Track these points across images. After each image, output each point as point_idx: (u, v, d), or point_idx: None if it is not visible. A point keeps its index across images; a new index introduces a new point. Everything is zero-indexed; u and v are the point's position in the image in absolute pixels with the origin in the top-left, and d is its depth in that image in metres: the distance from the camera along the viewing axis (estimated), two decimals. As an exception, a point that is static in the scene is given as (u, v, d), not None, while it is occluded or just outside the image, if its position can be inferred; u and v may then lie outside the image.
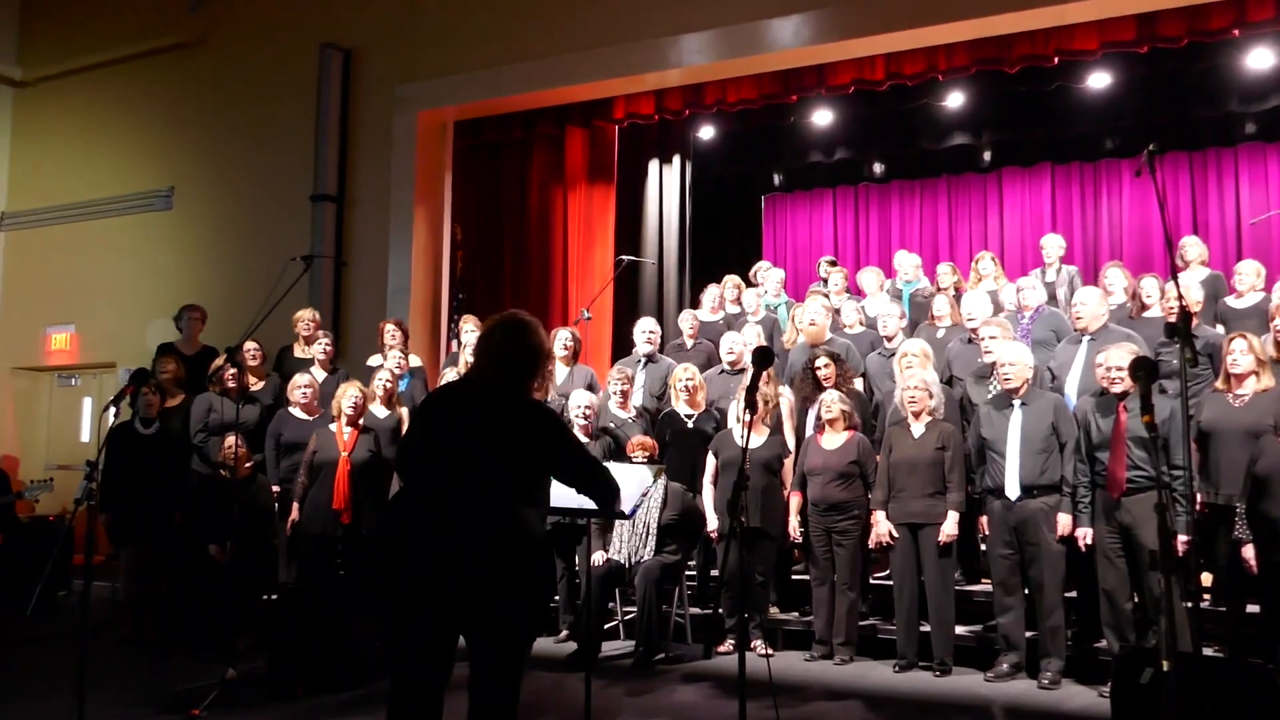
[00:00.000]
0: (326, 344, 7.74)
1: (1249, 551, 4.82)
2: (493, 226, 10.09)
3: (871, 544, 5.91)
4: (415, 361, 7.87)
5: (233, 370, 6.72)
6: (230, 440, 6.44)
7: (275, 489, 6.87)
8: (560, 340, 7.52)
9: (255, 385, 7.55)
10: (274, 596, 6.52)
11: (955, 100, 9.35)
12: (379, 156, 9.42)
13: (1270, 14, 7.08)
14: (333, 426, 6.56)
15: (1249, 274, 6.88)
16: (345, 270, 9.45)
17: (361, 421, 6.64)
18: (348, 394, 6.55)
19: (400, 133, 9.34)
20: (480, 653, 3.03)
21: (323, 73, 9.52)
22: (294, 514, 6.52)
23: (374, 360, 7.75)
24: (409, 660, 3.04)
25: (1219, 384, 5.33)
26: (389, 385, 7.03)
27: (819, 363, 6.49)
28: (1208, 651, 5.20)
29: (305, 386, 6.99)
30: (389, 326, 7.81)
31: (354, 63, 9.65)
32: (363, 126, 9.58)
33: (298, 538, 6.56)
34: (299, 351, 7.97)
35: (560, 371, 7.39)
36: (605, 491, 3.28)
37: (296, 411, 6.96)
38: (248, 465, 6.79)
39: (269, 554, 6.82)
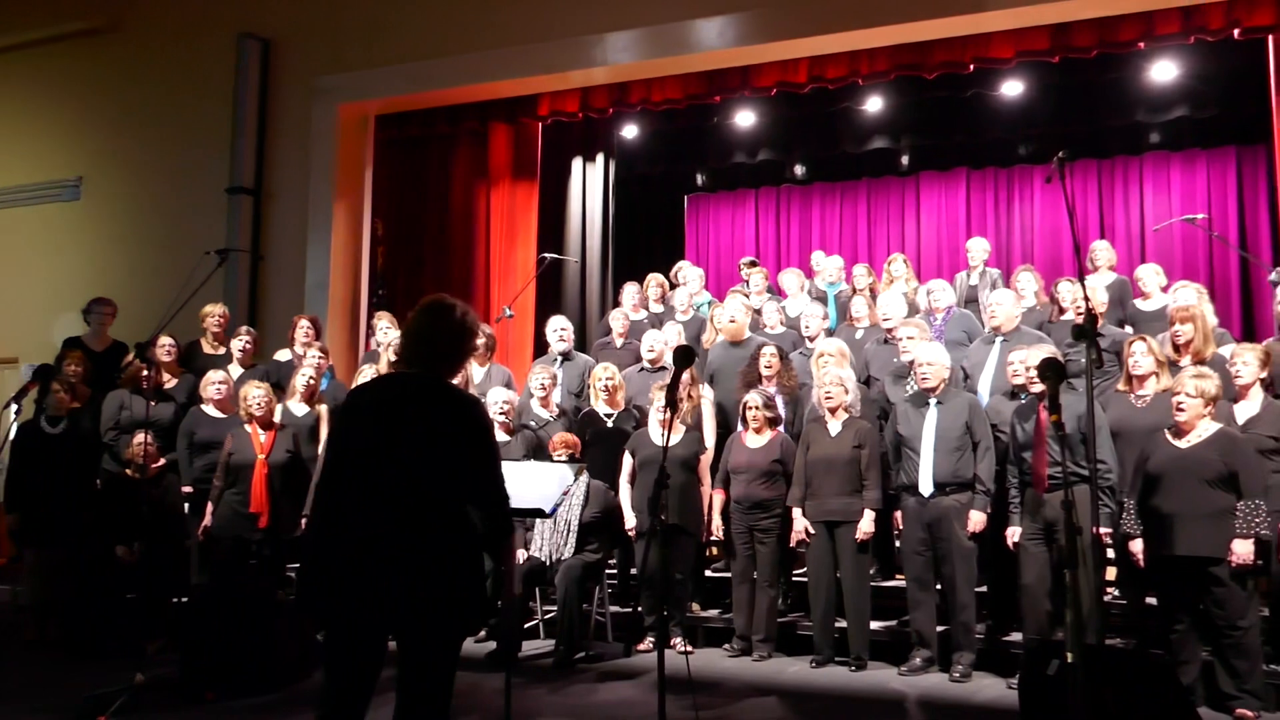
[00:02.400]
0: (247, 340, 7.57)
1: (1137, 545, 4.98)
2: (414, 222, 9.99)
3: (792, 542, 5.97)
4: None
5: (145, 367, 6.54)
6: (139, 438, 6.26)
7: (188, 489, 6.70)
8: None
9: (169, 382, 7.35)
10: (185, 599, 6.36)
11: (875, 104, 9.52)
12: (298, 149, 9.25)
13: (1176, 28, 7.35)
14: (246, 428, 6.42)
15: (1152, 278, 7.13)
16: (262, 265, 9.26)
17: (278, 420, 6.51)
18: (252, 394, 6.42)
19: (320, 125, 9.19)
20: (412, 653, 2.99)
21: (240, 63, 9.32)
22: (207, 519, 6.37)
23: (282, 355, 7.61)
24: (342, 663, 3.00)
25: (1121, 385, 5.50)
26: (311, 382, 6.90)
27: (765, 352, 6.54)
28: (1115, 643, 5.38)
29: (219, 383, 6.83)
30: (302, 322, 7.67)
31: (273, 53, 9.46)
32: (281, 118, 9.40)
33: (212, 540, 6.40)
34: (208, 348, 7.77)
35: (477, 371, 7.34)
36: (498, 520, 3.15)
37: (210, 409, 6.80)
38: (157, 464, 6.61)
39: (179, 555, 6.65)
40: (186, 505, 6.68)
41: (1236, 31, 7.32)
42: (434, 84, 8.96)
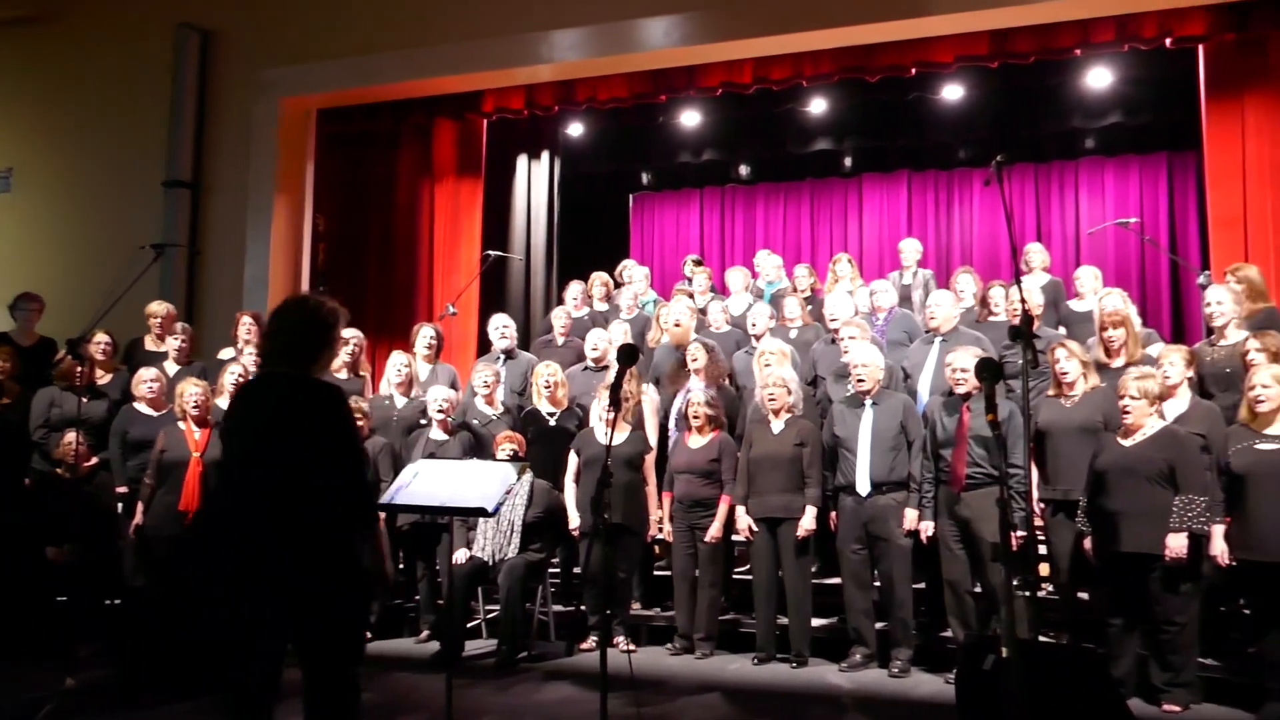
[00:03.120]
0: (183, 337, 7.43)
1: (1089, 543, 5.09)
2: (357, 218, 9.87)
3: (711, 537, 5.97)
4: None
5: (78, 364, 6.39)
6: (70, 437, 6.12)
7: (122, 489, 6.56)
8: (424, 338, 7.43)
9: (103, 379, 7.19)
10: (118, 601, 6.23)
11: (819, 106, 9.61)
12: (238, 143, 9.09)
13: (1110, 36, 7.52)
14: (181, 425, 6.31)
15: (1088, 280, 7.29)
16: (199, 260, 9.09)
17: (211, 418, 6.40)
18: (188, 391, 6.31)
19: (261, 119, 9.04)
20: (306, 660, 2.97)
21: (179, 54, 9.14)
22: (138, 517, 6.24)
23: (226, 353, 7.48)
24: (239, 667, 2.98)
25: (1050, 391, 5.60)
26: (242, 380, 6.79)
27: (691, 349, 6.57)
28: (1047, 638, 5.49)
29: (151, 381, 6.69)
30: (245, 319, 7.55)
31: (213, 45, 9.29)
32: (221, 111, 9.23)
33: (145, 540, 6.28)
34: (151, 345, 7.62)
35: (423, 369, 7.29)
36: (357, 507, 3.17)
37: (142, 407, 6.67)
38: (89, 463, 6.47)
39: (112, 556, 6.51)
40: (120, 505, 6.54)
41: (1168, 41, 7.51)
42: (378, 79, 8.87)
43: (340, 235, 9.82)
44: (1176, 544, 4.76)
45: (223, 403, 6.69)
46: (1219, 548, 4.77)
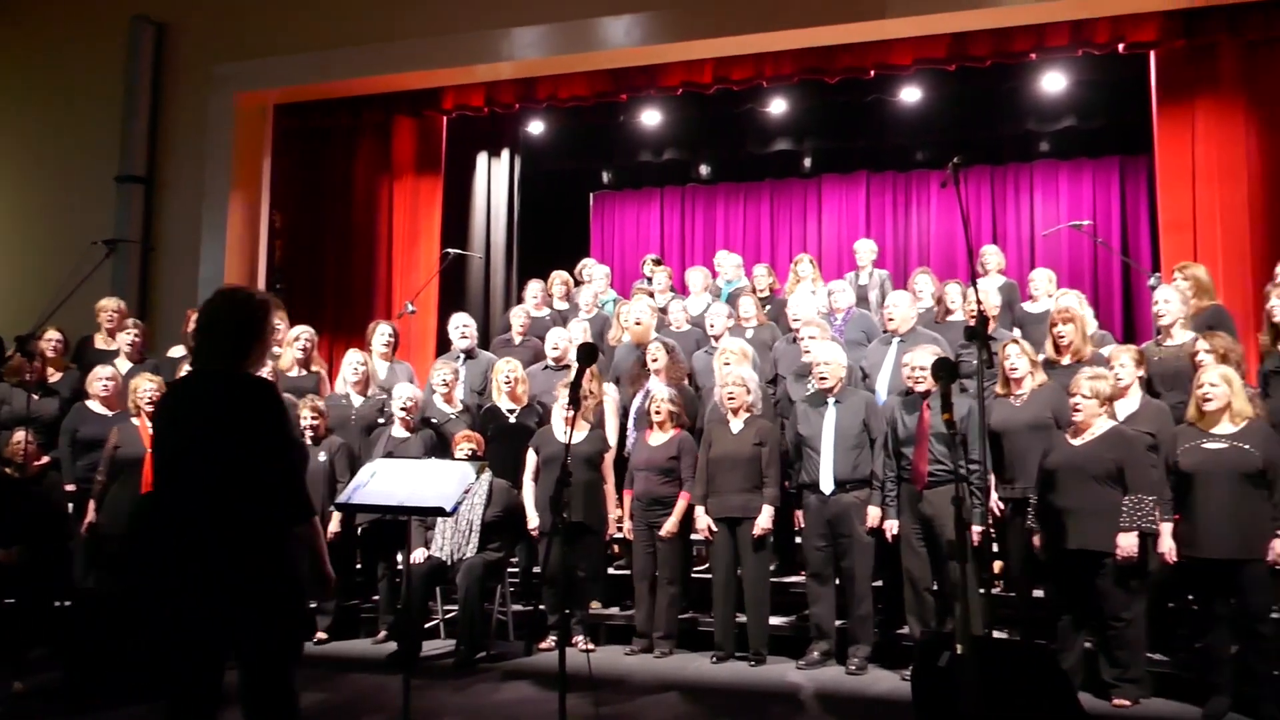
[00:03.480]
0: (135, 334, 7.32)
1: (1038, 541, 5.16)
2: (315, 215, 9.78)
3: (666, 532, 6.00)
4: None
5: (29, 361, 6.27)
6: (19, 435, 6.01)
7: (70, 488, 6.45)
8: (381, 335, 7.38)
9: (54, 377, 7.06)
10: (69, 603, 6.11)
11: (779, 107, 9.66)
12: (193, 137, 8.98)
13: (1065, 41, 7.64)
14: (135, 421, 6.21)
15: (1042, 281, 7.39)
16: (153, 256, 8.96)
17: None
18: (143, 387, 6.22)
19: (216, 114, 8.94)
20: (247, 657, 2.95)
21: (133, 47, 9.01)
22: (90, 515, 6.14)
23: (176, 351, 7.38)
24: (179, 671, 2.94)
25: (999, 389, 5.68)
26: (190, 379, 6.69)
27: (651, 349, 6.57)
28: (1002, 634, 5.56)
29: (106, 379, 6.59)
30: (195, 316, 7.43)
31: (168, 37, 9.17)
32: (176, 105, 9.11)
33: (97, 540, 6.18)
34: (101, 342, 7.50)
35: (380, 366, 7.24)
36: (294, 504, 3.09)
37: (95, 405, 6.56)
38: (39, 462, 6.35)
39: (63, 557, 6.38)
40: (70, 505, 6.43)
41: (1121, 46, 7.64)
42: (336, 74, 8.79)
43: (298, 232, 9.73)
44: (1127, 543, 4.84)
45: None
46: (1167, 545, 4.86)
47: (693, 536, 6.12)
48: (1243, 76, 7.60)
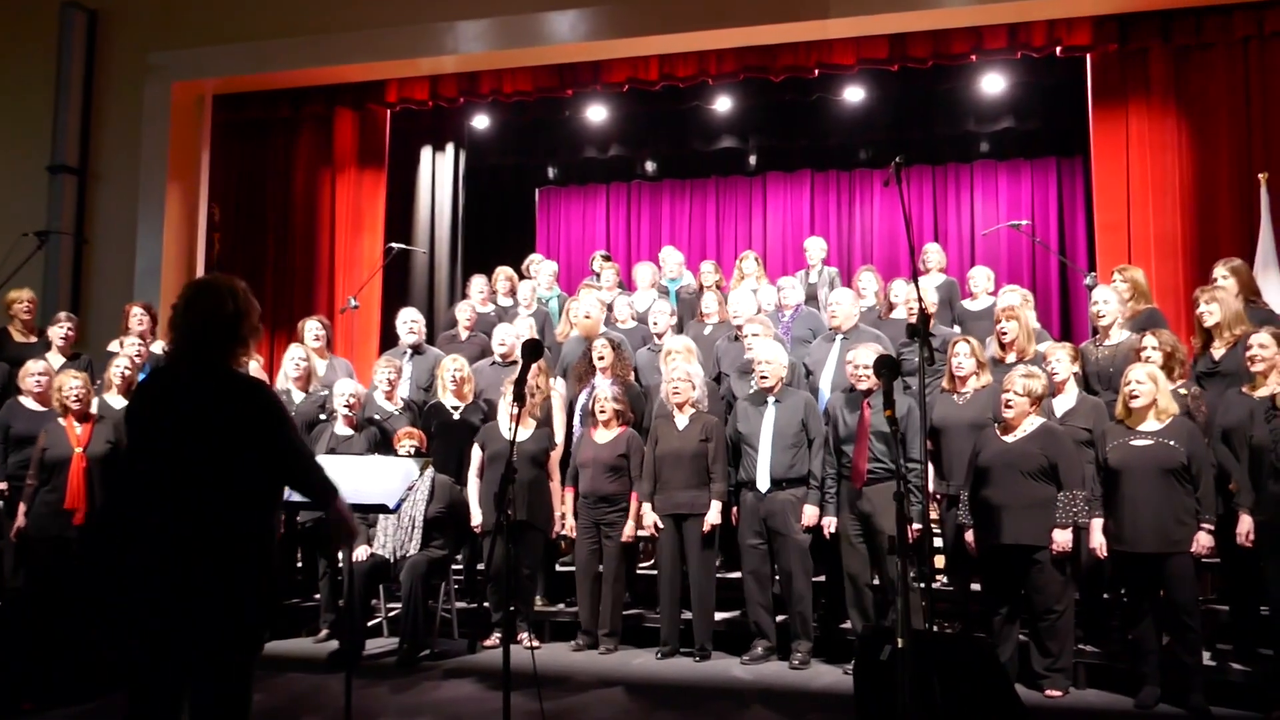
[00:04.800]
0: (68, 327, 7.13)
1: (970, 535, 5.26)
2: (254, 208, 9.63)
3: (626, 536, 6.01)
4: (159, 348, 7.36)
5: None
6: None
7: (2, 486, 6.28)
8: (310, 331, 7.29)
9: (-20, 371, 6.87)
10: (-1, 602, 5.97)
11: (724, 105, 9.71)
12: (128, 127, 8.80)
13: (1003, 44, 7.78)
14: (62, 420, 6.07)
15: (981, 280, 7.52)
16: (87, 248, 8.77)
17: (95, 411, 6.17)
18: (68, 385, 6.07)
19: (152, 104, 8.77)
20: (200, 664, 2.87)
21: (64, 33, 8.79)
22: (20, 520, 5.98)
23: (114, 346, 7.22)
24: (140, 674, 2.86)
25: (945, 384, 5.78)
26: (127, 373, 6.56)
27: (597, 345, 6.57)
28: (941, 628, 5.65)
29: (39, 374, 6.41)
30: (135, 310, 7.29)
31: (101, 25, 8.97)
32: (110, 94, 8.92)
33: (26, 540, 6.02)
34: (18, 336, 7.25)
35: (319, 363, 7.15)
36: (322, 490, 3.08)
37: (28, 401, 6.39)
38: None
39: (-8, 556, 6.24)
40: (1, 503, 6.27)
41: (1058, 49, 7.81)
42: (276, 65, 8.67)
43: (237, 225, 9.58)
44: (1062, 538, 4.95)
45: (110, 397, 6.47)
46: (1097, 540, 4.97)
47: (639, 532, 6.13)
48: (1174, 82, 7.80)
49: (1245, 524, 4.77)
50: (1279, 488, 4.63)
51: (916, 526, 5.16)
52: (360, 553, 6.11)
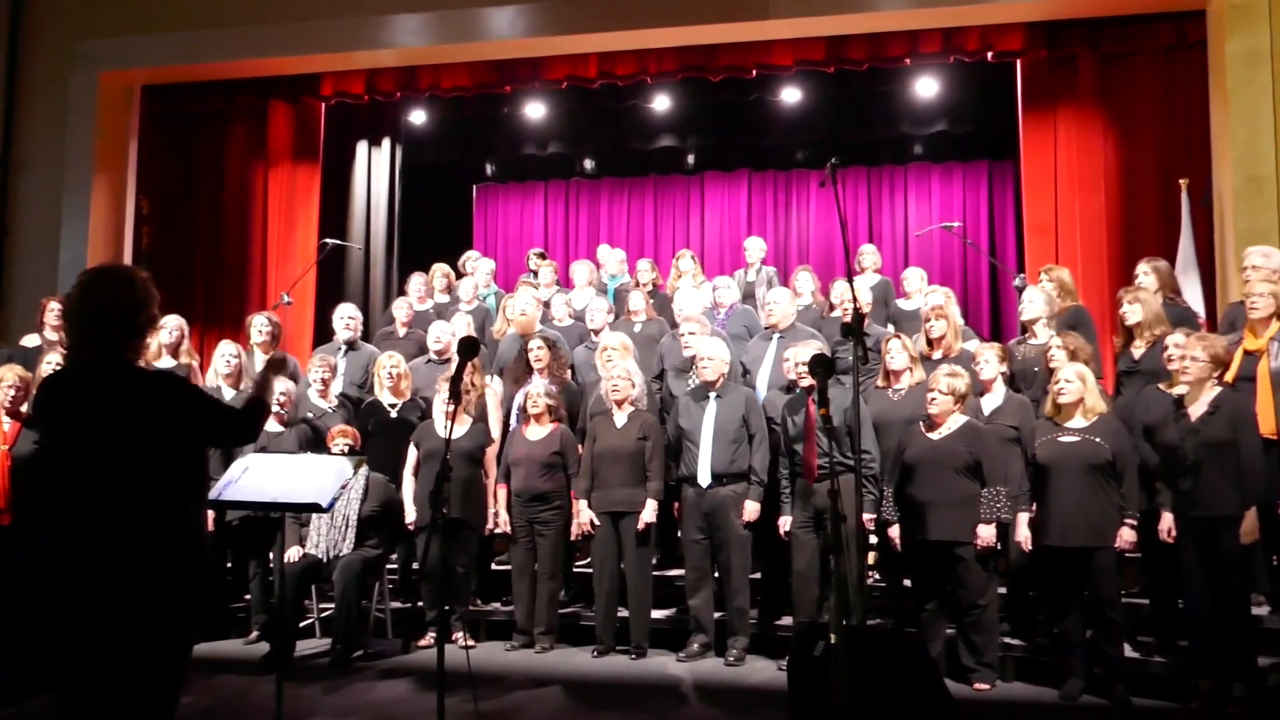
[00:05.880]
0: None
1: (895, 531, 5.34)
2: (185, 201, 9.44)
3: (574, 534, 6.02)
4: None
5: None
6: None
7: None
8: (257, 326, 7.17)
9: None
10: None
11: (663, 103, 9.72)
12: (53, 118, 8.55)
13: (937, 48, 7.90)
14: (-12, 417, 5.90)
15: (914, 280, 7.64)
16: (9, 241, 8.51)
17: (24, 409, 6.00)
18: (5, 380, 5.90)
19: (79, 93, 8.53)
20: (135, 655, 2.81)
21: (-13, 20, 8.53)
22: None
23: (29, 340, 7.01)
24: (69, 675, 2.79)
25: (880, 381, 5.86)
26: (60, 368, 6.38)
27: (532, 345, 6.54)
28: (874, 623, 5.73)
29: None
30: (52, 304, 7.09)
31: (25, 11, 8.70)
32: (34, 83, 8.66)
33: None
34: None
35: (261, 361, 7.02)
36: (247, 425, 3.03)
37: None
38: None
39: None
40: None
41: (990, 54, 7.95)
42: (208, 56, 8.49)
43: (166, 218, 9.37)
44: (987, 534, 5.06)
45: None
46: (1023, 535, 5.08)
47: (574, 530, 6.12)
48: (1100, 88, 8.00)
49: (1166, 521, 4.90)
50: (1188, 484, 4.77)
51: (869, 517, 5.25)
52: (292, 553, 6.03)
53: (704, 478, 5.73)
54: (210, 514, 6.12)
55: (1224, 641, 4.69)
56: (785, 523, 5.63)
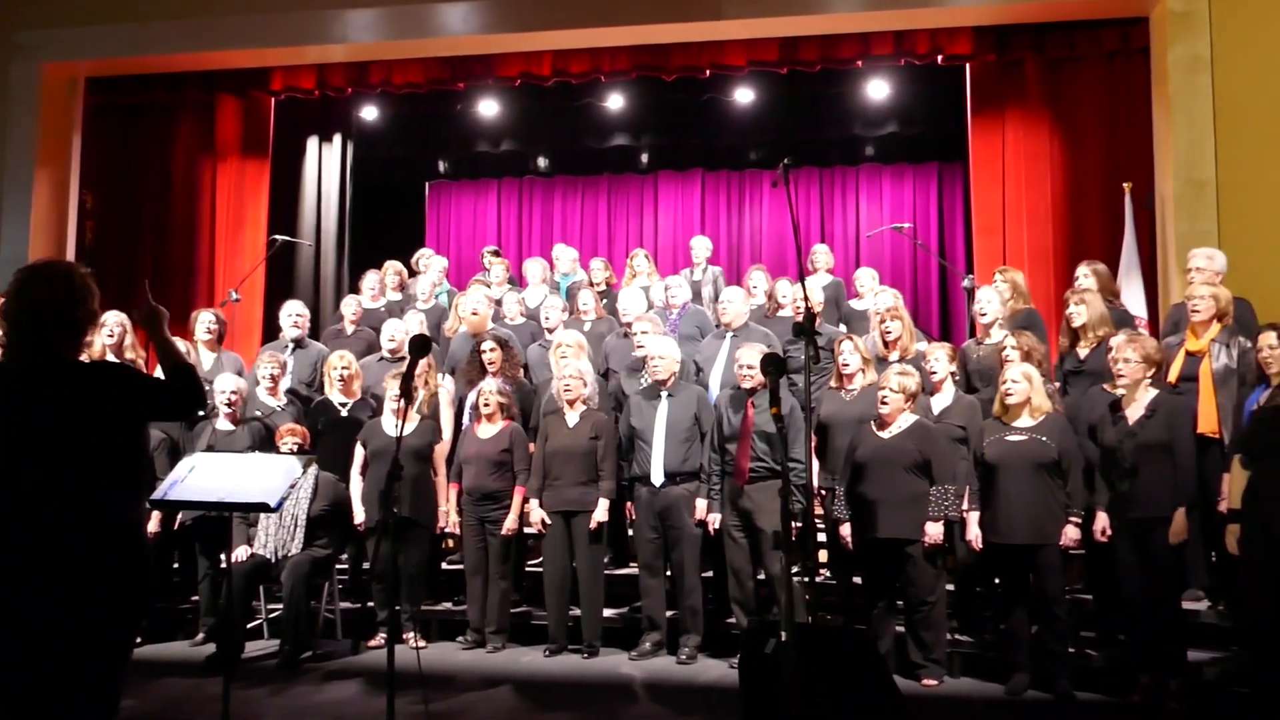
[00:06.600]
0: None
1: (846, 529, 5.40)
2: (130, 196, 9.27)
3: (506, 530, 5.98)
4: None
5: None
6: None
7: None
8: (203, 324, 7.07)
9: None
10: None
11: (617, 102, 9.72)
12: (-7, 110, 8.36)
13: (889, 50, 7.99)
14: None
15: (866, 280, 7.71)
16: (-54, 236, 8.31)
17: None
18: None
19: (19, 85, 8.34)
20: (76, 651, 2.75)
21: (-80, 8, 8.30)
22: None
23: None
24: (4, 680, 2.73)
25: (832, 382, 5.91)
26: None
27: (485, 346, 6.51)
28: (823, 621, 5.78)
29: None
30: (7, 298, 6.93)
31: (-39, 0, 8.50)
32: (-28, 74, 8.46)
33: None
34: None
35: (206, 358, 6.93)
36: (184, 386, 2.94)
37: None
38: None
39: None
40: None
41: (940, 58, 8.06)
42: (154, 48, 8.34)
43: (111, 213, 9.19)
44: (934, 531, 5.12)
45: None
46: (973, 533, 5.16)
47: (526, 529, 6.11)
48: (1047, 92, 8.14)
49: (1101, 520, 5.00)
50: (1126, 485, 4.86)
51: (798, 524, 5.28)
52: (240, 553, 5.95)
53: (657, 477, 5.74)
54: (156, 514, 6.05)
55: (1158, 638, 4.80)
56: (714, 520, 5.66)
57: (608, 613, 6.07)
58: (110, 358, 6.60)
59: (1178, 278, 6.51)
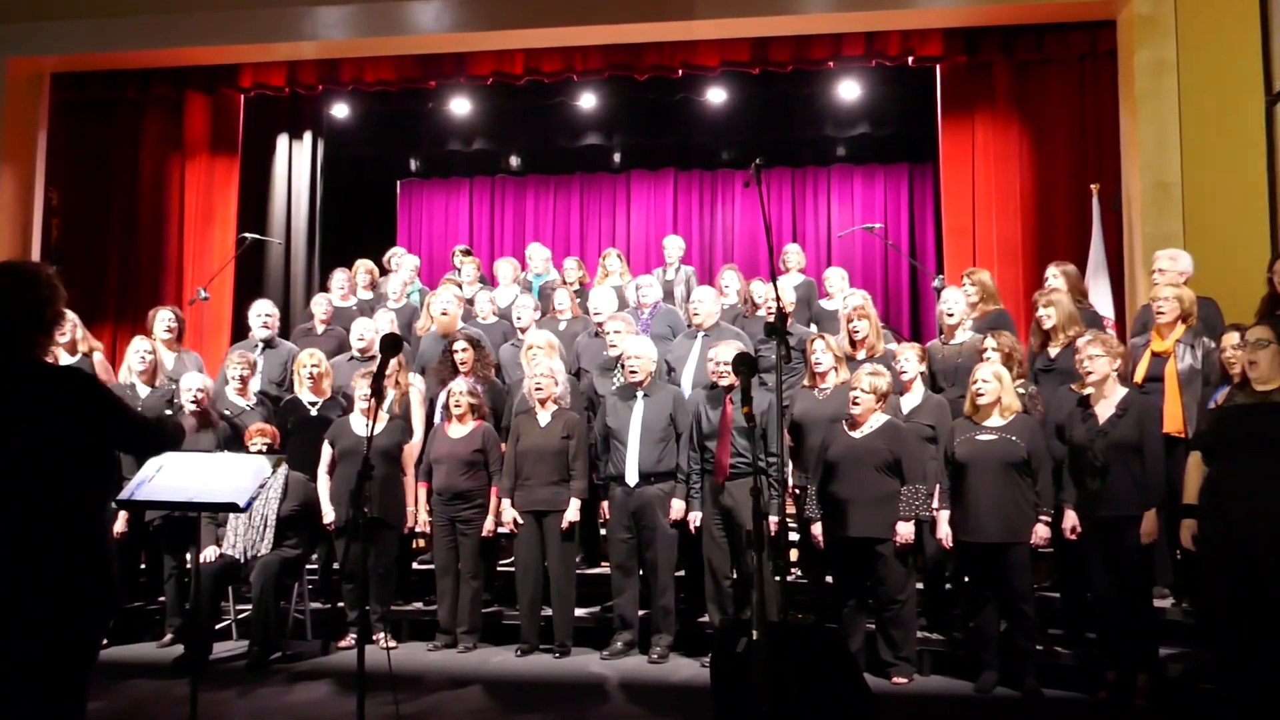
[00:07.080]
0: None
1: (818, 528, 5.42)
2: (97, 193, 9.15)
3: (486, 531, 5.98)
4: None
5: None
6: None
7: None
8: (162, 322, 7.00)
9: None
10: None
11: (589, 101, 9.71)
12: (-45, 104, 8.23)
13: (860, 51, 8.03)
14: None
15: (836, 280, 7.75)
16: (-93, 232, 8.18)
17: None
18: None
19: (-17, 79, 8.22)
20: (42, 653, 2.72)
21: (-119, 2, 8.16)
22: None
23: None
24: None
25: (806, 381, 5.94)
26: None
27: (457, 346, 6.49)
28: (796, 619, 5.80)
29: None
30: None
31: (-76, -7, 8.36)
32: (-66, 68, 8.32)
33: None
34: None
35: (168, 357, 6.86)
36: (157, 442, 3.06)
37: None
38: None
39: None
40: None
41: (910, 59, 8.11)
42: (121, 44, 8.24)
43: (78, 211, 9.08)
44: (905, 530, 5.16)
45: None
46: (943, 532, 5.19)
47: (498, 529, 6.10)
48: (1016, 94, 8.21)
49: (1070, 519, 5.05)
50: (1096, 484, 4.91)
51: (774, 520, 5.30)
52: (208, 553, 5.90)
53: (632, 477, 5.75)
54: (123, 513, 5.99)
55: (1127, 635, 4.85)
56: (694, 518, 5.67)
57: (579, 612, 6.06)
58: (64, 356, 6.50)
59: (1144, 278, 6.58)
